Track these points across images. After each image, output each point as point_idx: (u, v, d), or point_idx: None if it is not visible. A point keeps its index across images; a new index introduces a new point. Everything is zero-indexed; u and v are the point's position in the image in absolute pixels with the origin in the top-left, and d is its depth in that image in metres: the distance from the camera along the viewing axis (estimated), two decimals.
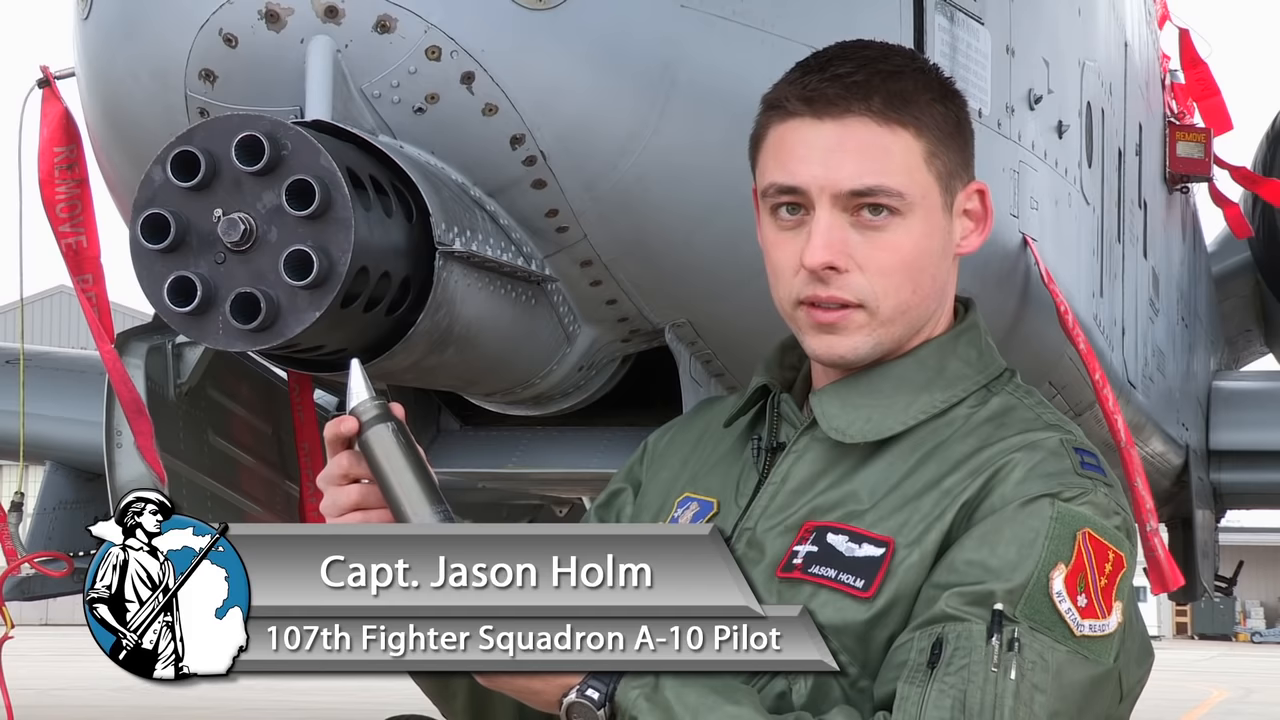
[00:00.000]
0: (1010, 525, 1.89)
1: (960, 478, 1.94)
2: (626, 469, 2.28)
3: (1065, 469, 1.93)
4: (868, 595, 1.91)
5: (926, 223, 2.00)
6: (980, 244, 2.07)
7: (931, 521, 1.93)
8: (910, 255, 1.99)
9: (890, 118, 1.98)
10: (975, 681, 1.83)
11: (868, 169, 1.97)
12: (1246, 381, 11.82)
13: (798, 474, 2.02)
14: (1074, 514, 1.90)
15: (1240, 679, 28.28)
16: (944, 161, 2.01)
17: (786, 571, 1.95)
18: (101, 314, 4.93)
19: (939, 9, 4.73)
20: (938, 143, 2.01)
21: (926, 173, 2.00)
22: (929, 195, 2.00)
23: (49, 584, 8.09)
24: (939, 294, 2.05)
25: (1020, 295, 5.36)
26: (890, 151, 1.98)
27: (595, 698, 1.84)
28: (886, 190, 1.97)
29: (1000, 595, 1.85)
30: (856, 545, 1.94)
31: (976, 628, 1.85)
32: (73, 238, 4.94)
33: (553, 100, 3.77)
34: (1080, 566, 1.88)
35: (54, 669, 23.28)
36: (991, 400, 2.03)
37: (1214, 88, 9.85)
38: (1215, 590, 11.17)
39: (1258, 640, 49.64)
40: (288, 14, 3.61)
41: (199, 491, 4.84)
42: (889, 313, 2.00)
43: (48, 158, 4.88)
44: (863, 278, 1.98)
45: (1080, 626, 1.87)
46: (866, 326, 2.00)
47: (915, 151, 1.99)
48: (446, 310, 3.67)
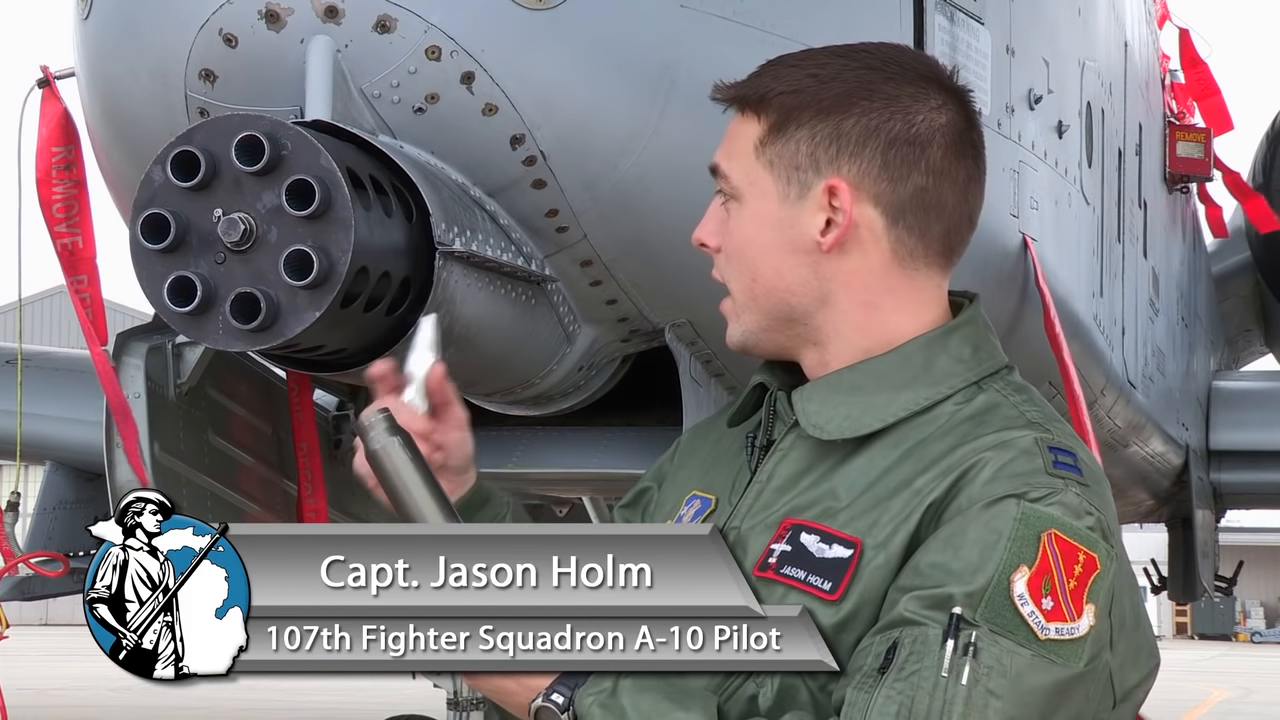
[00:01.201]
0: (974, 527, 1.85)
1: (931, 478, 1.91)
2: (657, 466, 2.29)
3: (1035, 469, 1.89)
4: (834, 598, 1.88)
5: (756, 211, 2.02)
6: (835, 244, 2.00)
7: (899, 523, 1.90)
8: (739, 242, 2.04)
9: (745, 103, 2.04)
10: (924, 687, 1.79)
11: (719, 151, 2.06)
12: (1246, 381, 11.82)
13: (782, 472, 2.01)
14: (1039, 514, 1.85)
15: (1240, 679, 28.28)
16: (780, 150, 2.00)
17: (762, 570, 1.94)
18: (95, 316, 4.93)
19: (939, 9, 4.73)
20: (774, 130, 2.00)
21: (752, 159, 2.02)
22: (756, 183, 2.02)
23: (48, 584, 8.09)
24: (797, 290, 2.01)
25: (1020, 295, 5.36)
26: (736, 136, 2.05)
27: (559, 702, 1.84)
28: (719, 171, 2.06)
29: (959, 598, 1.82)
30: (827, 546, 1.92)
31: (933, 631, 1.81)
32: (69, 238, 4.94)
33: (553, 100, 3.77)
34: (1045, 569, 1.83)
35: (52, 669, 23.27)
36: (978, 397, 1.99)
37: (1214, 87, 9.86)
38: (1215, 590, 11.17)
39: (1258, 640, 49.64)
40: (288, 14, 3.61)
41: (199, 491, 4.83)
42: (740, 298, 2.06)
43: (45, 157, 4.88)
44: (723, 258, 2.08)
45: (1045, 630, 1.82)
46: (732, 313, 2.07)
47: (748, 136, 2.03)
48: (446, 310, 3.67)
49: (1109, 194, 7.00)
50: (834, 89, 2.00)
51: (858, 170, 1.99)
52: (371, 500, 2.05)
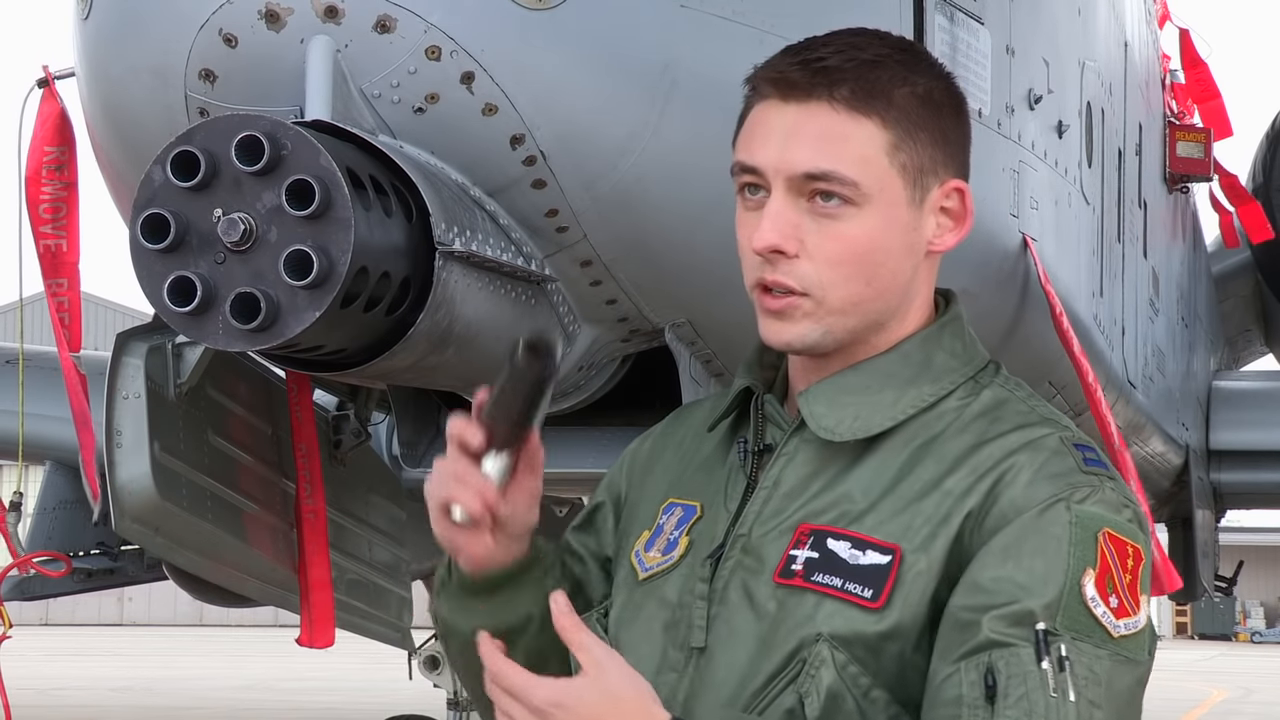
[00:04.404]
0: (1031, 536, 1.86)
1: (961, 478, 1.92)
2: (607, 481, 2.24)
3: (1070, 468, 1.91)
4: (877, 605, 1.88)
5: (886, 215, 1.96)
6: (956, 243, 2.03)
7: (936, 526, 1.90)
8: (863, 247, 1.95)
9: (855, 106, 1.94)
10: (1038, 710, 1.80)
11: (822, 154, 1.93)
12: (1246, 381, 11.82)
13: (790, 477, 1.99)
14: (1090, 515, 1.87)
15: (1240, 679, 28.28)
16: (912, 155, 1.97)
17: (786, 577, 1.93)
18: (70, 321, 4.91)
19: (939, 9, 4.73)
20: (906, 135, 1.97)
21: (888, 165, 1.96)
22: (889, 187, 1.96)
23: (48, 584, 8.10)
24: (901, 290, 2.00)
25: (1020, 295, 5.36)
26: (849, 139, 1.94)
27: None
28: (839, 177, 1.93)
29: (1039, 612, 1.83)
30: (860, 552, 1.91)
31: (1025, 651, 1.82)
32: (53, 240, 4.93)
33: (552, 100, 3.77)
34: (1106, 567, 1.86)
35: (53, 669, 23.27)
36: (983, 393, 2.00)
37: (1214, 90, 9.85)
38: (1215, 590, 11.18)
39: (1258, 640, 49.61)
40: (288, 14, 3.61)
41: (198, 491, 4.83)
42: (838, 303, 1.96)
43: (37, 156, 4.88)
44: (810, 265, 1.94)
45: (1116, 628, 1.85)
46: (812, 315, 1.96)
47: (877, 141, 1.95)
48: (446, 310, 3.67)
49: (1109, 194, 6.99)
50: (930, 89, 2.00)
51: (957, 170, 2.02)
52: (370, 499, 2.04)
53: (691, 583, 2.00)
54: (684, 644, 1.98)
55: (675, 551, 2.04)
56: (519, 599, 2.07)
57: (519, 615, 2.07)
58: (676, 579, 2.02)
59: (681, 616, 2.00)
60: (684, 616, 1.99)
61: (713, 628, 1.97)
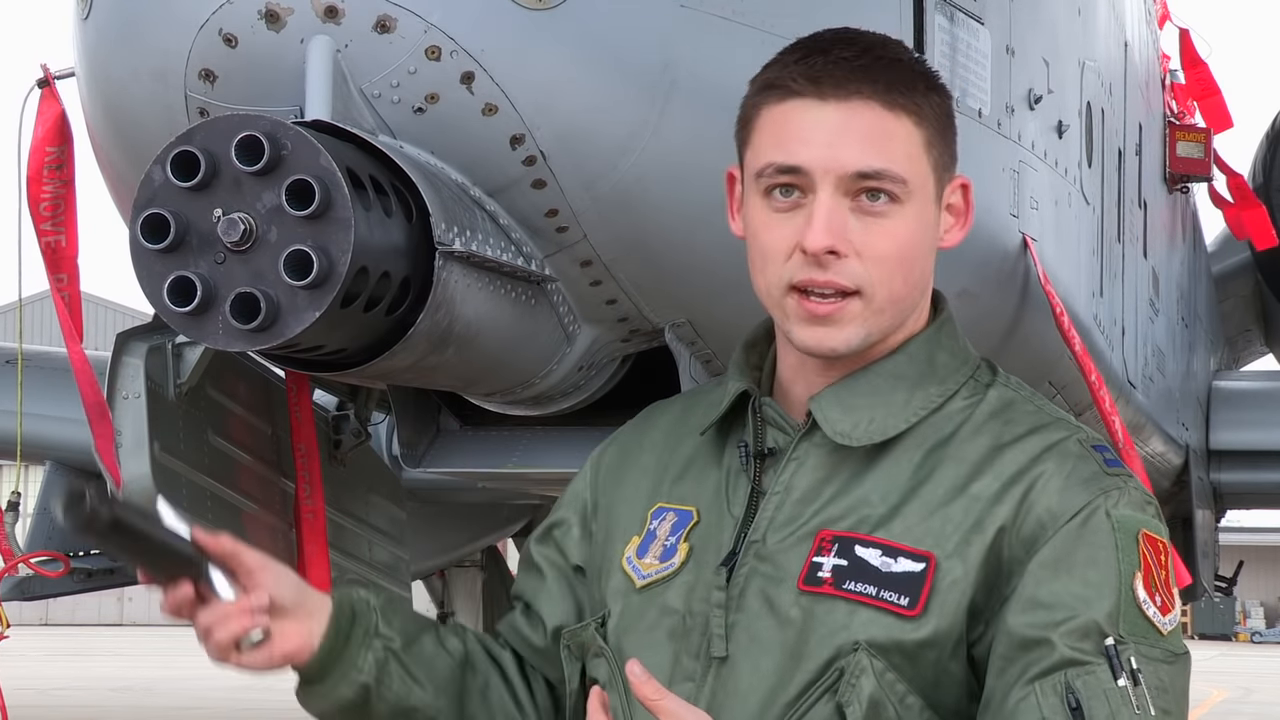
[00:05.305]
0: (1080, 547, 1.87)
1: (988, 483, 1.91)
2: (573, 494, 2.19)
3: (1096, 472, 1.92)
4: (914, 613, 1.88)
5: (921, 212, 1.97)
6: (960, 239, 2.04)
7: (968, 532, 1.90)
8: (906, 244, 1.95)
9: (894, 103, 1.94)
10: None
11: (873, 152, 1.92)
12: (1246, 381, 11.82)
13: (801, 482, 1.98)
14: (1127, 518, 1.89)
15: (1240, 679, 28.27)
16: (939, 152, 1.99)
17: (813, 585, 1.91)
18: (73, 313, 4.95)
19: (939, 9, 4.73)
20: (935, 133, 1.98)
21: (925, 161, 1.97)
22: (926, 185, 1.97)
23: (48, 584, 8.09)
24: (924, 286, 2.02)
25: (1020, 295, 5.35)
26: (894, 136, 1.94)
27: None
28: (891, 175, 1.93)
29: (1104, 623, 1.84)
30: (892, 560, 1.90)
31: (1101, 669, 1.83)
32: (53, 236, 4.96)
33: (553, 100, 3.76)
34: (1148, 567, 1.88)
35: (53, 669, 23.27)
36: (989, 393, 2.01)
37: (1214, 87, 9.85)
38: (1215, 590, 11.17)
39: (1258, 640, 49.63)
40: (288, 14, 3.61)
41: (198, 491, 4.83)
42: (882, 302, 1.95)
43: (38, 156, 4.90)
44: (860, 264, 1.93)
45: (1164, 624, 1.88)
46: (860, 316, 1.95)
47: (916, 139, 1.96)
48: (446, 310, 3.67)
49: (1109, 194, 6.99)
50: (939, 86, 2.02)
51: (956, 164, 2.04)
52: (369, 500, 2.04)
53: (702, 590, 1.97)
54: (700, 653, 1.96)
55: (675, 558, 2.02)
56: (351, 671, 2.05)
57: (355, 688, 2.05)
58: (680, 586, 2.00)
59: (693, 624, 1.97)
60: (695, 624, 1.97)
61: (732, 636, 1.94)
